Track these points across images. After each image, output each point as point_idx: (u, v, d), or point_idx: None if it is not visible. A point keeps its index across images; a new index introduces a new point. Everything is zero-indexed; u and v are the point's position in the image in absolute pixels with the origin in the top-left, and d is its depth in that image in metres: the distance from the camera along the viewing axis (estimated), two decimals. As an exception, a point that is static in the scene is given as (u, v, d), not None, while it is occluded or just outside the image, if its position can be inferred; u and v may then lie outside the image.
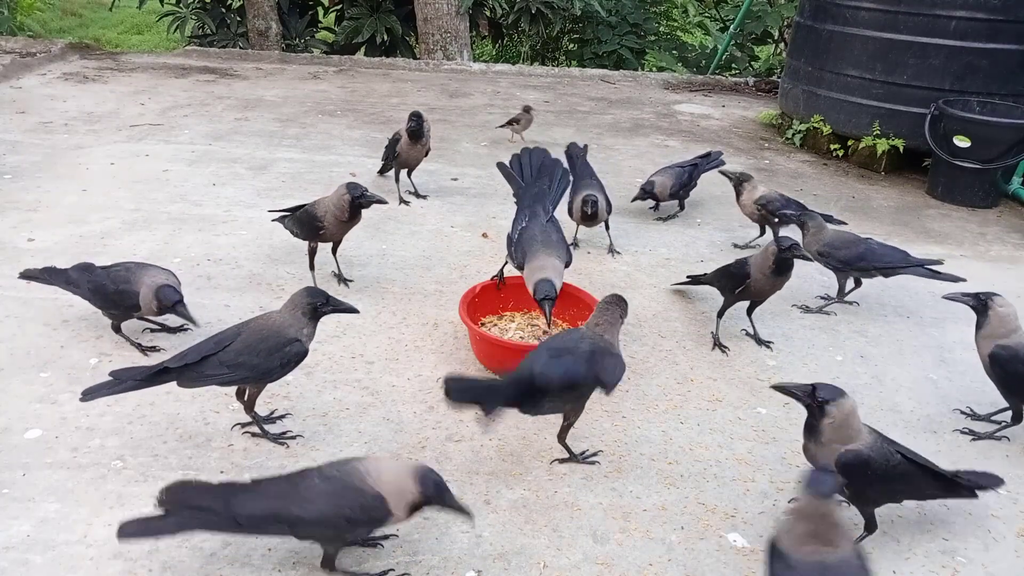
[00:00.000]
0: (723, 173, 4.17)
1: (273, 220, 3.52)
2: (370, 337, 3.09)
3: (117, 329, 2.94)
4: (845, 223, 4.04)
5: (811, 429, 2.14)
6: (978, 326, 2.67)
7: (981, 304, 2.65)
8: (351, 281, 3.47)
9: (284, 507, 1.89)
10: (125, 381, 2.30)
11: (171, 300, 2.78)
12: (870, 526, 2.18)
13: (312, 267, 3.37)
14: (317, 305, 2.37)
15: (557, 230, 3.05)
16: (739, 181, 3.96)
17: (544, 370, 2.20)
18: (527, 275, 2.90)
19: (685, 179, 4.28)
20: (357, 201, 3.16)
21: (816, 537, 1.71)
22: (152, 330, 3.04)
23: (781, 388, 2.20)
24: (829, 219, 3.80)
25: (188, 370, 2.30)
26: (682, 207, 4.43)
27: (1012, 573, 2.18)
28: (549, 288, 2.77)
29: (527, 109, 5.45)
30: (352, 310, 2.47)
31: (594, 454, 2.50)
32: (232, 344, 2.32)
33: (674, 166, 4.37)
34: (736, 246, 4.12)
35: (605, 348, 2.30)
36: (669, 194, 4.24)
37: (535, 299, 2.85)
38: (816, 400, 2.10)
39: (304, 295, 2.39)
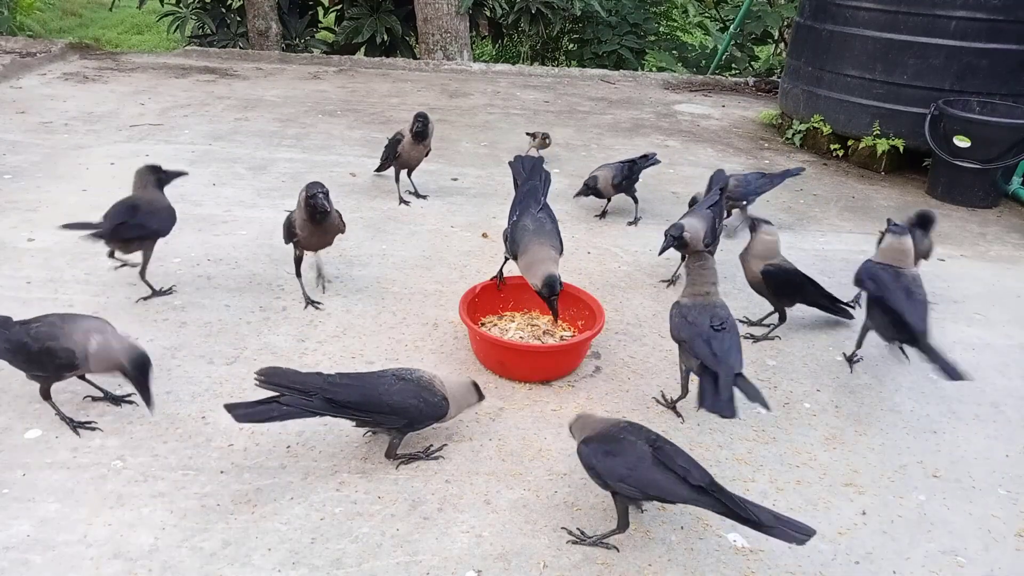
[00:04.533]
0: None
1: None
2: (370, 337, 3.09)
3: (47, 395, 2.48)
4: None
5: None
6: (746, 249, 3.21)
7: (752, 227, 3.18)
8: (330, 282, 3.46)
9: (375, 396, 2.31)
10: (91, 227, 3.11)
11: (144, 363, 2.34)
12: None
13: (299, 274, 3.28)
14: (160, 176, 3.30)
15: (551, 219, 3.04)
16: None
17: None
18: (522, 266, 2.91)
19: (626, 172, 4.23)
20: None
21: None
22: (94, 398, 2.62)
23: None
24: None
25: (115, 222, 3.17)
26: (635, 200, 4.33)
27: (1012, 573, 2.18)
28: (554, 282, 2.79)
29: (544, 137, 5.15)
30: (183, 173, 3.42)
31: None
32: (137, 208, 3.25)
33: (612, 163, 4.32)
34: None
35: None
36: (612, 186, 4.20)
37: (541, 295, 2.84)
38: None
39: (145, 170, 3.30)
